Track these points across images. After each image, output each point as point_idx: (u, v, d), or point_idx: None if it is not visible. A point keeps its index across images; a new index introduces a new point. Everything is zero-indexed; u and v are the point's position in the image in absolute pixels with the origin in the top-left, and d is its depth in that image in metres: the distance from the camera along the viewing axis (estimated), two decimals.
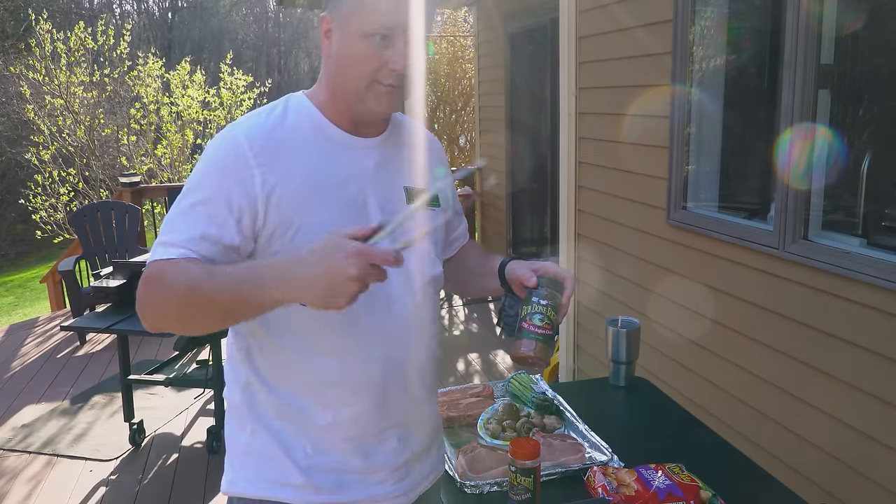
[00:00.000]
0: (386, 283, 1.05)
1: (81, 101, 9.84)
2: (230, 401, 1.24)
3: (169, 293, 1.04)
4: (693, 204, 2.88)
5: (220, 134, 1.16)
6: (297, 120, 1.16)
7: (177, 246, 1.07)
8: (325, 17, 1.14)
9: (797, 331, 2.29)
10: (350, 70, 1.13)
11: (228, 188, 1.09)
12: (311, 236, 1.09)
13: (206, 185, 1.11)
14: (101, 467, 3.44)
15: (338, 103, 1.18)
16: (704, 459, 1.49)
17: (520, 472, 1.29)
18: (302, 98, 1.20)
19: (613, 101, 3.35)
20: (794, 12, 2.20)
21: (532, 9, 5.57)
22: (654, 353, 3.07)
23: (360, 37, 1.10)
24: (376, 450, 1.20)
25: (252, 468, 1.20)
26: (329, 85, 1.18)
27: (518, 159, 6.29)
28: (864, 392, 2.04)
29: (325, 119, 1.18)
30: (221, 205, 1.08)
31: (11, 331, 5.92)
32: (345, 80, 1.14)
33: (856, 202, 2.21)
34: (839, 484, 2.15)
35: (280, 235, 1.10)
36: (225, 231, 1.08)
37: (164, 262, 1.07)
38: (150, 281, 1.07)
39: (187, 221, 1.09)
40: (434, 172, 1.32)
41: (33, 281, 9.65)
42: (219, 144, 1.13)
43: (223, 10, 31.06)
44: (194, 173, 1.14)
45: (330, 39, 1.15)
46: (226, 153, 1.12)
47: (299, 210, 1.11)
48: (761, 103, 2.67)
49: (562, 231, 3.94)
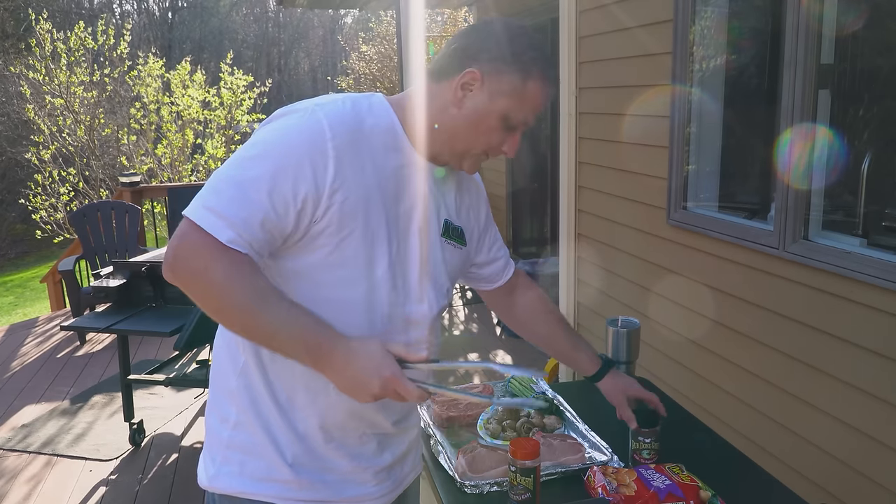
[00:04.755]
0: (410, 308, 1.19)
1: (81, 101, 9.84)
2: (221, 387, 1.21)
3: (216, 293, 1.03)
4: (693, 204, 2.88)
5: (300, 109, 1.10)
6: (376, 123, 1.14)
7: (231, 225, 1.02)
8: (474, 73, 1.12)
9: (797, 331, 2.29)
10: (472, 133, 1.15)
11: (298, 172, 1.04)
12: (359, 243, 1.10)
13: (276, 160, 1.05)
14: (101, 467, 3.44)
15: (430, 139, 1.17)
16: (704, 459, 1.49)
17: (520, 471, 1.28)
18: (384, 103, 1.17)
19: (613, 101, 3.35)
20: (794, 12, 2.20)
21: (532, 9, 5.57)
22: (654, 353, 3.07)
23: (502, 117, 1.13)
24: (357, 452, 1.21)
25: (235, 463, 1.18)
26: (432, 123, 1.16)
27: (518, 159, 6.29)
28: (865, 392, 2.04)
29: (403, 132, 1.16)
30: (287, 189, 1.04)
31: (11, 331, 5.91)
32: (463, 139, 1.16)
33: (856, 202, 2.21)
34: (839, 484, 2.15)
35: (331, 234, 1.08)
36: (284, 221, 1.05)
37: (215, 247, 1.02)
38: (197, 257, 1.02)
39: (248, 196, 1.03)
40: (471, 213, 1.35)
41: (33, 281, 9.65)
42: (299, 121, 1.08)
43: (223, 10, 31.06)
44: (264, 139, 1.08)
45: (466, 93, 1.13)
46: (306, 133, 1.07)
47: (358, 215, 1.09)
48: (761, 103, 2.67)
49: (562, 231, 3.94)
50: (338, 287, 1.12)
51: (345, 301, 1.12)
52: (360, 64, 12.52)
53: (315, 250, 1.09)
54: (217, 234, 1.01)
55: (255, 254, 1.05)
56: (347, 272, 1.11)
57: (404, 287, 1.18)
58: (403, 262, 1.17)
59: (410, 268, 1.18)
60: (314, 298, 1.10)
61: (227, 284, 1.02)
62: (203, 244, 1.02)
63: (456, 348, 4.90)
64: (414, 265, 1.19)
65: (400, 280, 1.17)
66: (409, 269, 1.18)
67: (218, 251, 1.02)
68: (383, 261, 1.13)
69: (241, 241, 1.02)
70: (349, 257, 1.10)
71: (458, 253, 1.29)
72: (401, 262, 1.16)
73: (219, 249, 1.02)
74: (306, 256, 1.10)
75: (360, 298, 1.13)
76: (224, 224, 1.02)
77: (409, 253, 1.17)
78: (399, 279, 1.16)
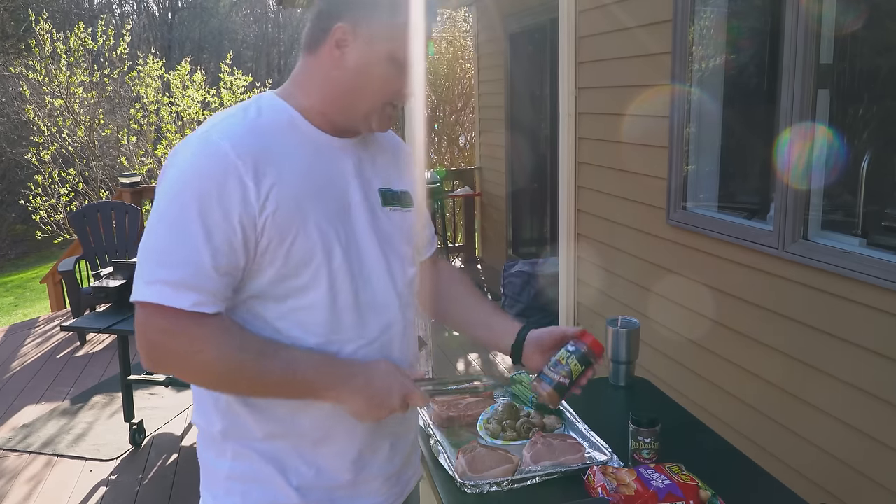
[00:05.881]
0: (374, 290, 1.15)
1: (81, 102, 9.83)
2: (206, 430, 1.16)
3: (215, 369, 1.01)
4: (693, 204, 2.88)
5: (191, 141, 1.05)
6: (274, 121, 1.10)
7: (187, 288, 0.98)
8: (342, 27, 1.07)
9: (797, 331, 2.29)
10: (368, 89, 1.10)
11: (222, 202, 0.99)
12: (306, 246, 1.06)
13: (195, 201, 0.99)
14: (101, 467, 3.44)
15: (330, 112, 1.13)
16: (704, 459, 1.49)
17: (576, 355, 1.26)
18: (274, 99, 1.13)
19: (613, 101, 3.35)
20: (793, 12, 2.20)
21: (532, 9, 5.57)
22: (654, 353, 3.07)
23: (388, 60, 1.08)
24: (371, 460, 1.18)
25: (237, 494, 1.13)
26: (325, 94, 1.12)
27: (518, 159, 6.29)
28: (865, 392, 2.04)
29: (304, 120, 1.12)
30: (220, 223, 1.00)
31: (11, 331, 5.91)
32: (359, 96, 1.10)
33: (855, 202, 2.21)
34: (839, 484, 2.15)
35: (275, 248, 1.04)
36: (234, 256, 1.01)
37: (187, 320, 0.98)
38: (174, 339, 0.99)
39: (186, 250, 0.99)
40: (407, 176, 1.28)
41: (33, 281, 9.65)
42: (197, 152, 1.03)
43: (223, 11, 31.05)
44: (172, 188, 1.02)
45: (343, 51, 1.08)
46: (209, 160, 1.01)
47: (295, 218, 1.05)
48: (761, 103, 2.67)
49: (562, 231, 3.94)
50: (300, 294, 1.08)
51: (308, 306, 1.09)
52: None
53: (266, 268, 1.05)
54: (178, 303, 0.98)
55: (223, 302, 1.02)
56: (305, 277, 1.07)
57: (362, 272, 1.13)
58: (356, 247, 1.13)
59: (363, 251, 1.14)
60: (278, 315, 1.08)
61: (221, 356, 1.00)
62: (171, 322, 0.98)
63: (456, 348, 4.91)
64: (365, 246, 1.14)
65: (356, 266, 1.12)
66: (362, 253, 1.14)
67: (191, 322, 0.99)
68: (337, 252, 1.10)
69: (205, 298, 0.99)
70: (302, 261, 1.06)
71: (409, 215, 1.24)
72: (354, 248, 1.13)
73: (190, 319, 0.98)
74: (259, 278, 1.06)
75: (323, 298, 1.09)
76: (179, 290, 0.98)
77: (356, 235, 1.13)
78: (356, 265, 1.12)
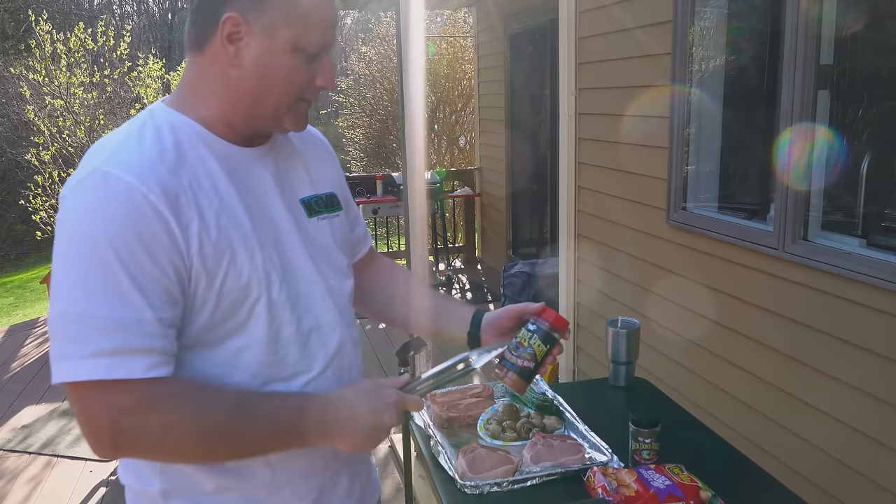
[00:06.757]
0: (316, 314, 1.03)
1: (81, 102, 9.83)
2: (140, 491, 1.02)
3: (183, 439, 0.90)
4: (693, 204, 2.88)
5: (89, 181, 0.88)
6: (177, 141, 0.94)
7: (131, 352, 0.85)
8: (233, 17, 0.91)
9: (797, 331, 2.29)
10: (271, 84, 0.96)
11: (145, 245, 0.86)
12: (239, 282, 0.94)
13: (111, 249, 0.85)
14: (101, 467, 3.44)
15: (232, 117, 0.98)
16: (704, 459, 1.49)
17: (539, 334, 1.11)
18: (170, 113, 0.98)
19: (613, 102, 3.35)
20: (793, 13, 2.20)
21: (532, 9, 5.58)
22: (654, 354, 3.07)
23: (290, 50, 0.94)
24: (332, 496, 1.10)
25: None
26: (226, 99, 0.97)
27: (518, 160, 6.29)
28: (865, 392, 2.04)
29: (210, 133, 0.98)
30: (149, 269, 0.87)
31: (11, 331, 5.91)
32: (263, 94, 0.96)
33: (855, 202, 2.21)
34: (839, 484, 2.15)
35: (205, 290, 0.92)
36: (173, 304, 0.90)
37: (144, 391, 0.86)
38: (136, 416, 0.86)
39: (121, 309, 0.85)
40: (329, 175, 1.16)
41: (33, 282, 9.64)
42: (102, 195, 0.87)
43: None
44: (83, 243, 0.86)
45: (237, 46, 0.93)
46: (121, 205, 0.86)
47: (223, 249, 0.93)
48: (761, 104, 2.67)
49: (562, 231, 3.94)
50: (236, 335, 0.96)
51: (248, 346, 0.97)
52: (359, 65, 12.51)
53: (197, 314, 0.93)
54: (128, 373, 0.84)
55: (173, 361, 0.90)
56: (241, 315, 0.96)
57: (299, 298, 1.02)
58: (290, 271, 1.01)
59: (299, 273, 1.02)
60: (214, 362, 0.96)
61: (196, 424, 0.89)
62: (134, 397, 0.86)
63: (456, 348, 4.89)
64: (300, 268, 1.03)
65: (294, 292, 1.01)
66: (297, 276, 1.02)
67: (151, 392, 0.86)
68: (274, 281, 0.98)
69: (157, 358, 0.87)
70: (237, 299, 0.95)
71: (338, 220, 1.14)
72: (290, 273, 1.01)
73: (149, 390, 0.86)
74: (191, 326, 0.93)
75: (263, 335, 0.97)
76: (127, 357, 0.85)
77: (289, 257, 1.02)
78: (293, 291, 1.01)
